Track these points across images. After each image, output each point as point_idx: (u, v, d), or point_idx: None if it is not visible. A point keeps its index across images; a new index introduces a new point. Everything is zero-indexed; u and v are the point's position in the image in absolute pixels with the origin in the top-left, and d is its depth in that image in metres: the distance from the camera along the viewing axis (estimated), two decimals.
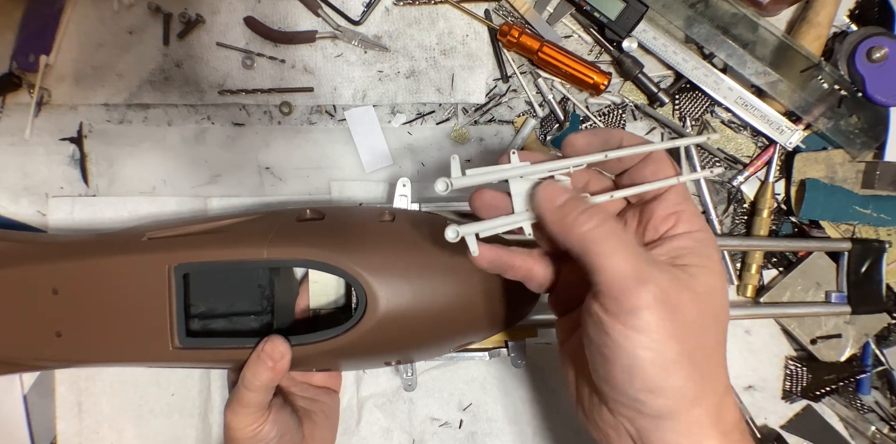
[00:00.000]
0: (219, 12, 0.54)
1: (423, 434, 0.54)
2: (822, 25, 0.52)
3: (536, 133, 0.55)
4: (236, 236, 0.41)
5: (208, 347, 0.41)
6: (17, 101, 0.54)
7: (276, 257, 0.39)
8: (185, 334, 0.41)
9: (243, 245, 0.40)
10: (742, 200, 0.56)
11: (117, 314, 0.41)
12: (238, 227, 0.43)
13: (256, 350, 0.39)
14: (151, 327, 0.41)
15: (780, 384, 0.55)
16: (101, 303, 0.41)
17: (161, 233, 0.43)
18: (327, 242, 0.39)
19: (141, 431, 0.54)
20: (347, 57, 0.54)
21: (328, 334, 0.39)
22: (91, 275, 0.42)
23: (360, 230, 0.41)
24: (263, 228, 0.41)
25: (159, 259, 0.40)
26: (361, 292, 0.38)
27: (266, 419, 0.40)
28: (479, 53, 0.54)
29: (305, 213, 0.43)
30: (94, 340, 0.42)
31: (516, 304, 0.43)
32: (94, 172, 0.55)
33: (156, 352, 0.41)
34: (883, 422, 0.56)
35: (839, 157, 0.54)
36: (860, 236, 0.54)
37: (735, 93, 0.53)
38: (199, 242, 0.41)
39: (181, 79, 0.54)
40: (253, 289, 0.44)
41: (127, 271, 0.41)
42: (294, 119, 0.55)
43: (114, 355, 0.42)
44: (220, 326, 0.44)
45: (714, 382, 0.30)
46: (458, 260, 0.40)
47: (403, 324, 0.39)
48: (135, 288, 0.41)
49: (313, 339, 0.39)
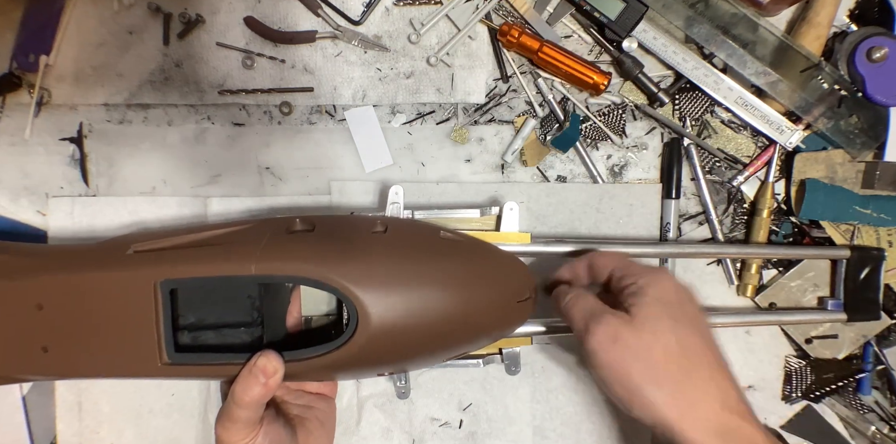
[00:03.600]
0: (219, 12, 0.54)
1: (423, 434, 0.54)
2: (822, 25, 0.52)
3: (536, 133, 0.55)
4: (224, 250, 0.40)
5: (198, 363, 0.40)
6: (17, 101, 0.54)
7: (265, 272, 0.38)
8: (173, 350, 0.40)
9: (231, 260, 0.39)
10: (742, 200, 0.56)
11: (104, 330, 0.40)
12: (226, 238, 0.42)
13: (248, 365, 0.38)
14: (139, 343, 0.40)
15: (780, 384, 0.55)
16: (87, 318, 0.40)
17: (148, 245, 0.42)
18: (317, 256, 0.38)
19: (141, 431, 0.54)
20: (347, 57, 0.54)
21: (320, 350, 0.38)
22: (76, 290, 0.41)
23: (351, 243, 0.40)
24: (251, 239, 0.40)
25: (145, 275, 0.39)
26: (353, 308, 0.37)
27: (257, 433, 0.39)
28: (479, 53, 0.54)
29: (295, 223, 0.42)
30: (81, 355, 0.41)
31: (510, 315, 0.43)
32: (94, 172, 0.55)
33: (144, 368, 0.40)
34: (883, 422, 0.56)
35: (839, 157, 0.54)
36: (860, 235, 0.54)
37: (735, 93, 0.53)
38: (185, 256, 0.40)
39: (181, 79, 0.54)
40: (242, 300, 0.43)
41: (112, 286, 0.40)
42: (294, 119, 0.55)
43: (102, 370, 0.42)
44: (210, 338, 0.43)
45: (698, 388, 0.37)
46: (451, 272, 0.40)
47: (396, 338, 0.38)
48: (121, 304, 0.40)
49: (306, 355, 0.39)
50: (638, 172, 0.55)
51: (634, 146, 0.55)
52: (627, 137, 0.55)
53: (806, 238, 0.56)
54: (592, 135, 0.55)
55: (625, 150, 0.55)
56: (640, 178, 0.56)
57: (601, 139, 0.55)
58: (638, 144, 0.55)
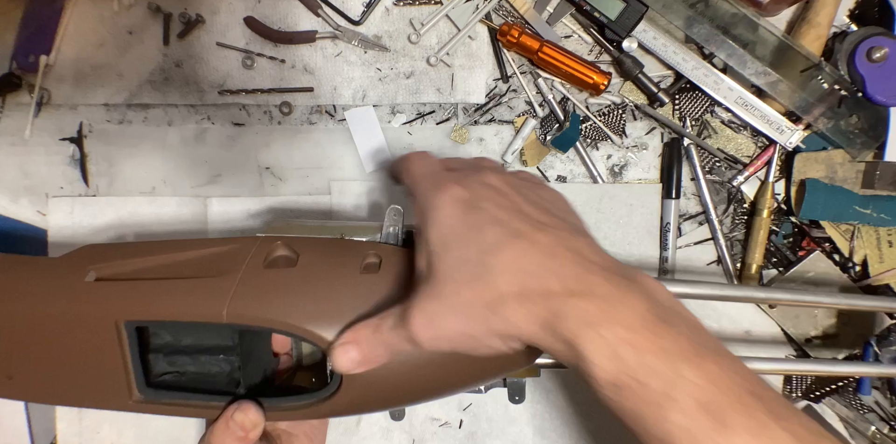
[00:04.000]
0: (219, 12, 0.54)
1: (423, 434, 0.54)
2: (822, 25, 0.52)
3: (536, 133, 0.55)
4: (194, 287, 0.35)
5: (172, 403, 0.37)
6: (17, 101, 0.54)
7: (237, 321, 0.34)
8: (144, 386, 0.36)
9: (201, 302, 0.35)
10: (742, 200, 0.56)
11: (69, 361, 0.37)
12: (199, 265, 0.37)
13: (225, 416, 0.35)
14: (107, 378, 0.36)
15: (780, 384, 0.55)
16: (48, 348, 0.37)
17: (109, 268, 0.37)
18: (297, 302, 0.34)
19: (141, 431, 0.54)
20: (347, 57, 0.54)
21: (304, 399, 0.36)
22: (32, 320, 0.37)
23: (335, 290, 0.35)
24: (226, 270, 0.36)
25: (106, 312, 0.35)
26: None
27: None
28: (479, 53, 0.54)
29: (277, 248, 0.38)
30: (49, 386, 0.38)
31: (514, 358, 0.37)
32: (94, 172, 0.55)
33: (116, 403, 0.37)
34: (883, 422, 0.56)
35: (839, 157, 0.54)
36: (860, 235, 0.54)
37: (735, 93, 0.53)
38: (151, 291, 0.36)
39: (181, 79, 0.54)
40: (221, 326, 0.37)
41: (72, 319, 0.36)
42: (294, 119, 0.55)
43: (73, 401, 0.39)
44: (187, 363, 0.38)
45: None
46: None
47: (387, 393, 0.35)
48: (83, 337, 0.36)
49: (288, 404, 0.36)
50: (638, 172, 0.55)
51: (634, 146, 0.55)
52: (627, 137, 0.55)
53: (806, 238, 0.56)
54: (592, 135, 0.55)
55: (625, 150, 0.55)
56: (640, 178, 0.56)
57: (601, 139, 0.55)
58: (638, 144, 0.55)
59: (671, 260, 0.54)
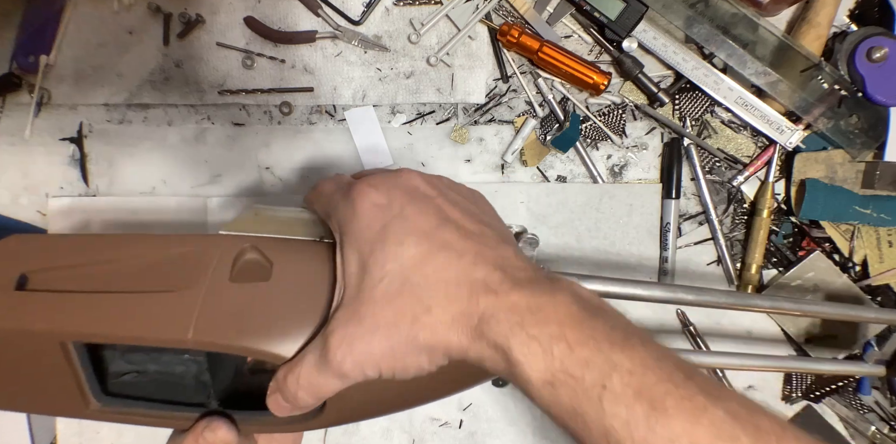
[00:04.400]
0: (219, 12, 0.53)
1: (423, 434, 0.54)
2: (822, 25, 0.52)
3: (536, 133, 0.55)
4: (152, 301, 0.31)
5: (133, 413, 0.34)
6: (17, 101, 0.54)
7: (205, 348, 0.31)
8: (101, 394, 0.33)
9: (161, 323, 0.30)
10: (742, 200, 0.56)
11: (17, 373, 0.33)
12: (155, 273, 0.32)
13: (194, 433, 0.32)
14: (61, 388, 0.33)
15: (780, 384, 0.55)
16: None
17: (48, 278, 0.32)
18: (269, 323, 0.30)
19: (141, 431, 0.54)
20: (347, 57, 0.54)
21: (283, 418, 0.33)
22: None
23: (313, 304, 0.31)
24: (187, 284, 0.31)
25: (50, 332, 0.31)
26: None
27: None
28: (479, 53, 0.54)
29: (245, 255, 0.33)
30: (6, 394, 0.35)
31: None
32: (94, 172, 0.55)
33: (74, 411, 0.34)
34: (883, 422, 0.56)
35: (839, 157, 0.54)
36: (860, 235, 0.54)
37: (735, 93, 0.53)
38: (100, 305, 0.31)
39: (181, 79, 0.54)
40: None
41: (10, 336, 0.31)
42: (294, 119, 0.55)
43: (33, 408, 0.36)
44: (146, 364, 0.34)
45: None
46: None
47: (371, 408, 0.33)
48: (27, 353, 0.32)
49: (266, 419, 0.33)
50: (638, 172, 0.55)
51: (634, 146, 0.55)
52: (627, 137, 0.55)
53: (806, 238, 0.56)
54: (592, 135, 0.55)
55: (625, 150, 0.55)
56: (640, 178, 0.56)
57: (601, 139, 0.55)
58: (638, 144, 0.55)
59: (671, 260, 0.54)
